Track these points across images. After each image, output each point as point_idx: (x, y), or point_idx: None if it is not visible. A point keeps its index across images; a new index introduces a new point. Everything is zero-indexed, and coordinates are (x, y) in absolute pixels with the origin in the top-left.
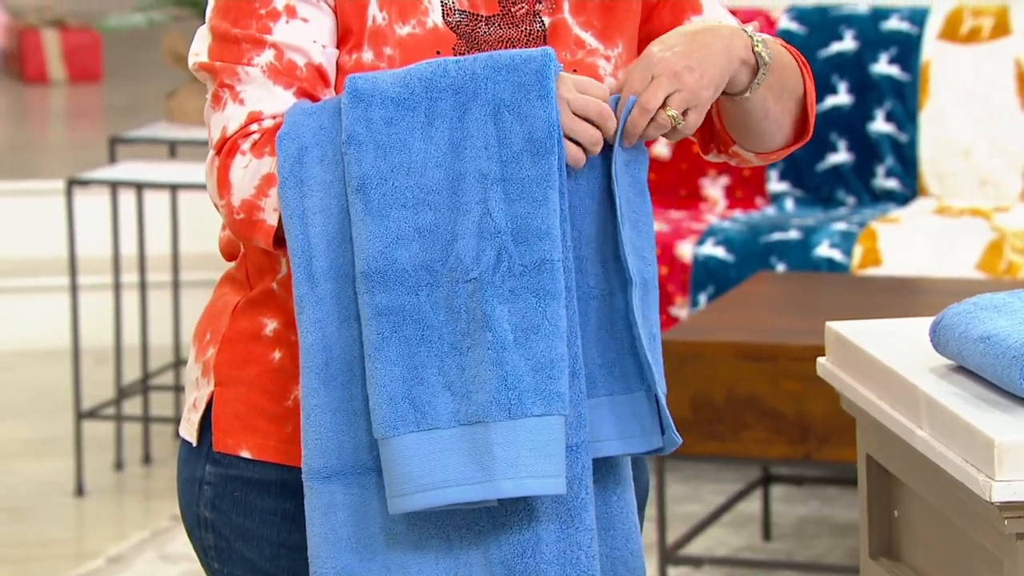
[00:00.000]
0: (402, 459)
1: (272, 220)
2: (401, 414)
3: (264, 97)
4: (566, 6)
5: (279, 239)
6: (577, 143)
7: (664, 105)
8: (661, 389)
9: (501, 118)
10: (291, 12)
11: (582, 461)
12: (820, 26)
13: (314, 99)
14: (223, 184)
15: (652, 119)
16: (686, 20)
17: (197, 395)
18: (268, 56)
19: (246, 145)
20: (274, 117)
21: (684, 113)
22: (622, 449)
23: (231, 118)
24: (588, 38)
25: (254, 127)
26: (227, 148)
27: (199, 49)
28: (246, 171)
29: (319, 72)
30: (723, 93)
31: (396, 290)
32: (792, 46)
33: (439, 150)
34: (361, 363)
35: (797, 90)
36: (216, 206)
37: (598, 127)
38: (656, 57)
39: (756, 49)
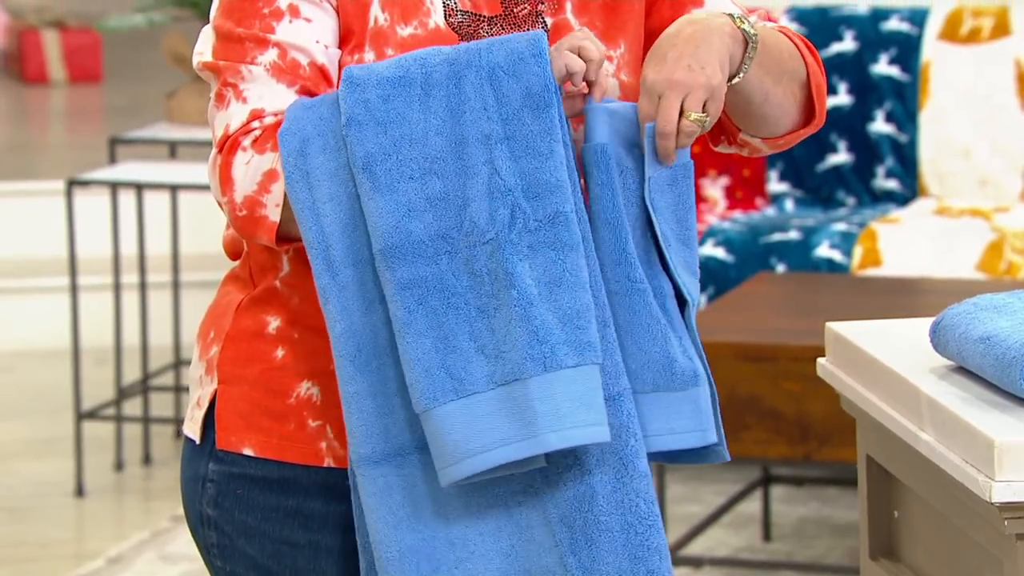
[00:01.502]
0: (445, 429)
1: (274, 216)
2: (439, 384)
3: (267, 94)
4: (568, 7)
5: (281, 235)
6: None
7: (682, 114)
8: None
9: (497, 79)
10: (294, 12)
11: (626, 409)
12: (820, 27)
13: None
14: (225, 181)
15: (678, 133)
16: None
17: (200, 393)
18: (271, 55)
19: (247, 142)
20: (276, 114)
21: (704, 108)
22: (674, 444)
23: (234, 116)
24: None
25: (256, 124)
26: (229, 145)
27: (203, 48)
28: (248, 167)
29: (322, 72)
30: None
31: (416, 262)
32: (795, 32)
33: (438, 118)
34: (391, 345)
35: (799, 73)
36: (219, 204)
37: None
38: (651, 79)
39: (739, 26)
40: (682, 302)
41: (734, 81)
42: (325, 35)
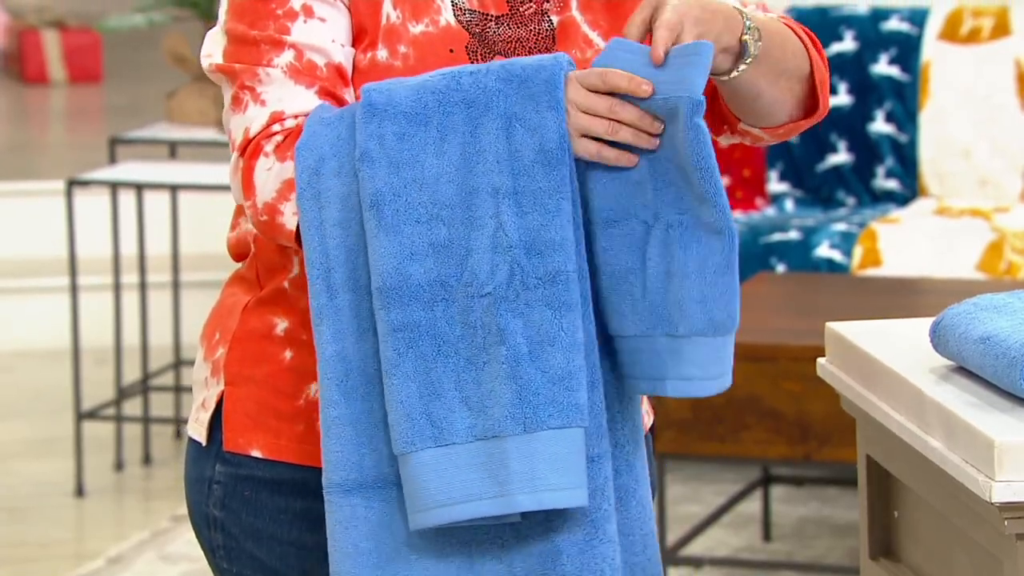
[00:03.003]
0: (421, 475)
1: (291, 225)
2: (419, 430)
3: (286, 97)
4: (574, 4)
5: (300, 241)
6: (597, 140)
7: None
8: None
9: (512, 131)
10: (308, 12)
11: (604, 472)
12: (820, 27)
13: (336, 98)
14: (247, 186)
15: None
16: None
17: (206, 395)
18: (288, 56)
19: (269, 147)
20: (296, 116)
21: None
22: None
23: (253, 119)
24: (596, 37)
25: (276, 127)
26: (251, 150)
27: (213, 51)
28: (268, 174)
29: (339, 71)
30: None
31: (411, 306)
32: (800, 24)
33: (452, 165)
34: (379, 377)
35: (800, 70)
36: (243, 207)
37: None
38: (680, 11)
39: (743, 38)
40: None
41: (724, 79)
42: (340, 34)
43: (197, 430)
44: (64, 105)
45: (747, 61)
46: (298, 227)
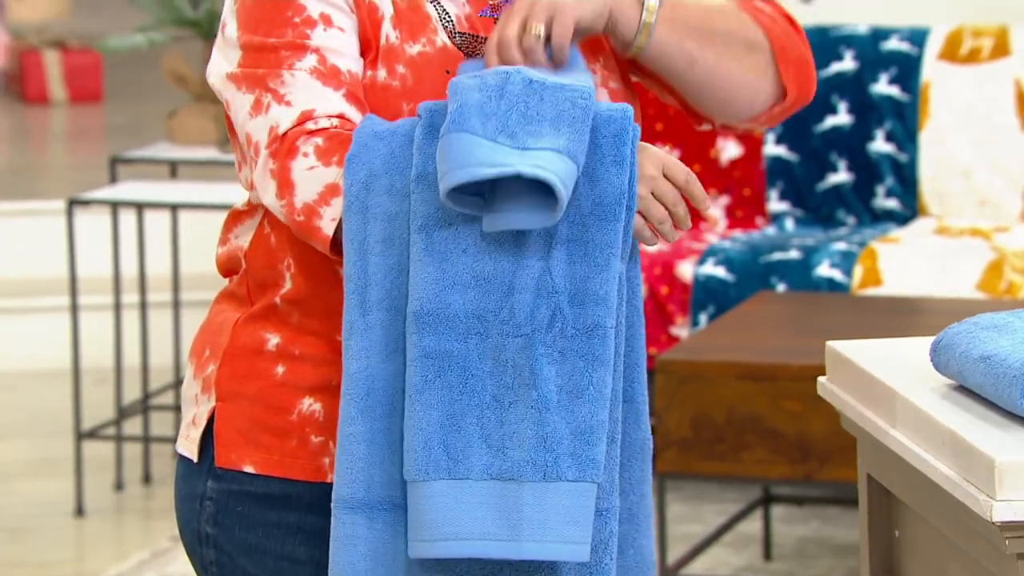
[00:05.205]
0: (429, 504)
1: (328, 230)
2: (434, 459)
3: (314, 97)
4: None
5: (336, 248)
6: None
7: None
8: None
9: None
10: (327, 20)
11: (609, 526)
12: (820, 46)
13: (362, 104)
14: (284, 184)
15: (522, 51)
16: None
17: (197, 411)
18: (311, 60)
19: (308, 148)
20: (329, 117)
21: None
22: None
23: (280, 118)
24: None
25: (311, 124)
26: (284, 149)
27: (223, 63)
28: (310, 174)
29: (359, 82)
30: (624, 45)
31: (445, 335)
32: (769, 1)
33: None
34: (401, 399)
35: (756, 43)
36: (272, 207)
37: (669, 212)
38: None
39: None
40: None
41: (638, 42)
42: (356, 46)
43: (188, 447)
44: (65, 125)
45: (649, 10)
46: (335, 235)
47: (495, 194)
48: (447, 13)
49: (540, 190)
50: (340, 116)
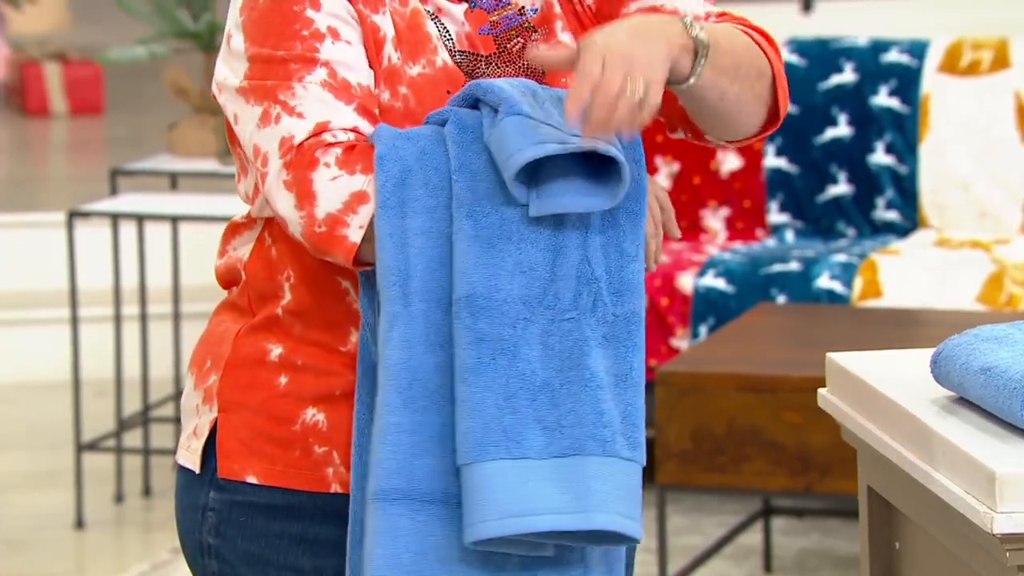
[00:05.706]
0: (490, 485)
1: (355, 238)
2: (493, 439)
3: (327, 110)
4: (560, 35)
5: (357, 258)
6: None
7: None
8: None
9: None
10: (335, 34)
11: None
12: (820, 58)
13: (373, 117)
14: (305, 196)
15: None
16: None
17: (198, 422)
18: (321, 74)
19: (329, 158)
20: (344, 130)
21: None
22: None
23: (293, 129)
24: None
25: (328, 136)
26: (304, 160)
27: (229, 75)
28: (334, 184)
29: (371, 92)
30: (671, 83)
31: (498, 319)
32: (755, 26)
33: None
34: (441, 392)
35: (763, 71)
36: (288, 218)
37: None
38: (601, 43)
39: (692, 33)
40: None
41: (684, 86)
42: (364, 59)
43: (189, 458)
44: (65, 137)
45: (704, 54)
46: (361, 242)
47: (540, 179)
48: (447, 31)
49: (587, 175)
50: (354, 130)
